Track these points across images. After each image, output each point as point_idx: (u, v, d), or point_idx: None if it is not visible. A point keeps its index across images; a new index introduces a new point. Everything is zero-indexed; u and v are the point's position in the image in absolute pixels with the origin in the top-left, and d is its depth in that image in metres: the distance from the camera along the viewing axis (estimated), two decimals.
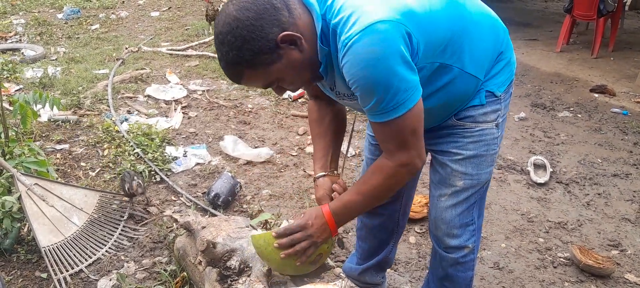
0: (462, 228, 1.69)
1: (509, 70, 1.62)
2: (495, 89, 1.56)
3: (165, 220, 2.72)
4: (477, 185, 1.64)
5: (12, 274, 2.32)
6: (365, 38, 1.22)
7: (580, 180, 3.37)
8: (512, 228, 2.85)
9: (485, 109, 1.56)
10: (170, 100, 4.34)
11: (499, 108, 1.59)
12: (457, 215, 1.67)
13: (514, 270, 2.52)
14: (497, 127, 1.60)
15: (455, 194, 1.65)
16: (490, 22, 1.57)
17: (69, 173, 3.18)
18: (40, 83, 4.45)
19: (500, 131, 1.63)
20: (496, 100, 1.57)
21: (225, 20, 1.24)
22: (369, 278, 2.10)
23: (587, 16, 6.14)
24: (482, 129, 1.58)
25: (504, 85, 1.59)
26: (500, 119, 1.60)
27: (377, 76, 1.25)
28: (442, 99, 1.50)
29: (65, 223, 2.47)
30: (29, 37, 6.15)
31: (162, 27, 6.73)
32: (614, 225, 2.91)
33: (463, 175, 1.62)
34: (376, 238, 2.01)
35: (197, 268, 2.06)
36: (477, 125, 1.58)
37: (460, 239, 1.69)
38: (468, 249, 1.71)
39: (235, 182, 2.98)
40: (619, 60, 5.98)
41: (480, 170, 1.62)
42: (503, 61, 1.59)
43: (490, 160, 1.63)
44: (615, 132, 4.14)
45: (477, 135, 1.58)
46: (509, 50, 1.62)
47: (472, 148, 1.59)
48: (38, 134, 3.60)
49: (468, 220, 1.68)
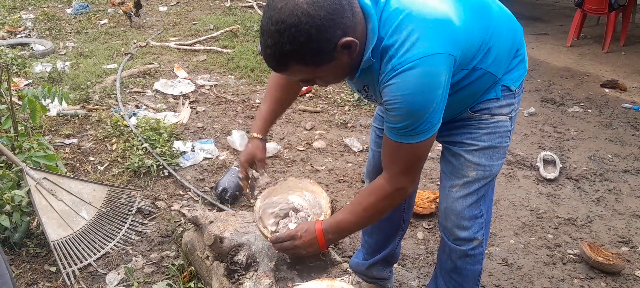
0: (471, 220, 1.69)
1: (523, 66, 1.65)
2: (510, 84, 1.60)
3: (173, 215, 2.73)
4: (488, 177, 1.66)
5: (21, 268, 2.34)
6: (419, 68, 1.27)
7: (590, 176, 3.34)
8: (521, 224, 2.83)
9: (500, 102, 1.60)
10: (178, 95, 4.35)
11: (513, 102, 1.62)
12: (467, 207, 1.67)
13: (523, 266, 2.50)
14: (510, 121, 1.63)
15: (467, 185, 1.66)
16: (510, 22, 1.60)
17: (78, 167, 3.19)
18: (49, 78, 4.47)
19: (512, 124, 1.66)
20: (511, 94, 1.61)
21: (293, 12, 1.16)
22: (377, 272, 2.10)
23: (598, 10, 6.07)
24: (497, 121, 1.61)
25: (518, 80, 1.62)
26: (513, 113, 1.64)
27: (419, 106, 1.31)
28: (460, 95, 1.53)
29: (74, 218, 2.49)
30: (38, 32, 6.18)
31: (170, 22, 6.74)
32: (625, 221, 2.88)
33: (476, 166, 1.63)
34: (382, 233, 2.02)
35: (205, 262, 2.06)
36: (492, 117, 1.61)
37: (470, 231, 1.70)
38: (477, 241, 1.72)
39: None
40: (630, 55, 5.91)
41: (493, 161, 1.64)
42: (518, 58, 1.62)
43: (502, 152, 1.65)
44: (626, 127, 4.10)
45: (493, 126, 1.61)
46: (523, 47, 1.66)
47: (487, 140, 1.62)
48: (47, 128, 3.62)
49: (477, 213, 1.69)
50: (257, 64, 5.03)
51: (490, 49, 1.49)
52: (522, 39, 1.66)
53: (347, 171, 3.29)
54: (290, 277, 1.82)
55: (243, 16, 6.86)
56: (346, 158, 3.48)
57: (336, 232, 1.59)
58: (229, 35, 6.00)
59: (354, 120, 4.01)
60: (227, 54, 5.38)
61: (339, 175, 3.24)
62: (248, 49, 5.47)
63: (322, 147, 3.60)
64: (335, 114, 4.09)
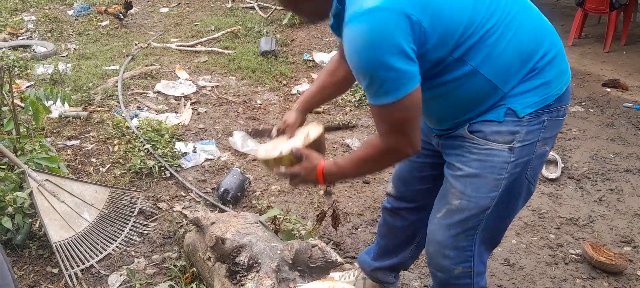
0: (455, 251, 1.58)
1: (545, 92, 1.43)
2: (518, 109, 1.42)
3: (175, 216, 2.74)
4: (475, 210, 1.50)
5: (24, 269, 2.35)
6: (359, 24, 1.23)
7: (592, 176, 3.33)
8: (523, 225, 2.83)
9: (500, 127, 1.43)
10: (179, 96, 4.35)
11: (518, 131, 1.43)
12: (451, 237, 1.56)
13: (525, 267, 2.50)
14: (510, 151, 1.44)
15: (449, 214, 1.54)
16: (536, 22, 1.46)
17: (80, 169, 3.20)
18: (51, 79, 4.47)
19: (516, 156, 1.45)
20: (517, 121, 1.42)
21: None
22: (381, 275, 2.07)
23: (600, 10, 6.06)
24: (490, 149, 1.45)
25: (532, 107, 1.42)
26: (516, 143, 1.43)
27: (365, 63, 1.27)
28: (445, 94, 1.43)
29: (76, 219, 2.49)
30: (40, 33, 6.19)
31: (171, 23, 6.74)
32: (627, 221, 2.88)
33: (460, 194, 1.50)
34: (396, 239, 1.98)
35: (207, 264, 2.07)
36: (486, 143, 1.45)
37: (451, 261, 1.59)
38: (459, 271, 1.60)
39: (244, 177, 2.98)
40: (631, 54, 5.90)
41: (479, 193, 1.48)
42: (538, 79, 1.42)
43: (493, 184, 1.47)
44: (628, 127, 4.09)
45: (485, 154, 1.46)
46: (552, 71, 1.44)
47: (475, 167, 1.47)
48: (49, 130, 3.62)
49: (464, 245, 1.57)
50: (258, 65, 5.03)
51: (487, 39, 1.35)
52: (553, 59, 1.43)
53: None
54: (292, 278, 1.83)
55: (244, 17, 6.86)
56: None
57: (334, 172, 1.55)
58: (230, 36, 6.00)
59: (355, 121, 4.01)
60: (229, 55, 5.38)
61: None
62: (249, 49, 5.47)
63: None
64: (336, 115, 4.09)
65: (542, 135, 1.46)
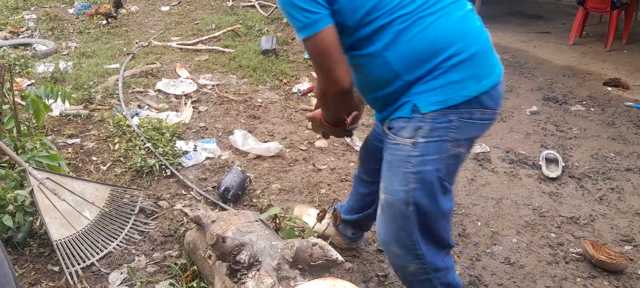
0: (401, 248, 1.65)
1: (451, 92, 1.47)
2: (421, 105, 1.50)
3: (176, 214, 2.74)
4: (396, 204, 1.58)
5: (24, 267, 2.35)
6: None
7: (593, 175, 3.33)
8: (523, 223, 2.83)
9: (406, 124, 1.53)
10: (180, 94, 4.35)
11: (421, 127, 1.50)
12: (391, 234, 1.65)
13: (526, 266, 2.50)
14: (413, 145, 1.51)
15: (382, 210, 1.66)
16: (452, 27, 1.48)
17: (81, 167, 3.20)
18: (51, 78, 4.47)
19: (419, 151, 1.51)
20: (421, 117, 1.50)
21: None
22: (342, 227, 2.39)
23: (601, 8, 6.05)
24: (397, 143, 1.56)
25: (434, 105, 1.48)
26: (420, 138, 1.50)
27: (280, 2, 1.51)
28: (360, 68, 1.60)
29: (77, 217, 2.49)
30: (41, 32, 6.19)
31: (172, 22, 6.74)
32: (627, 220, 2.88)
33: (384, 188, 1.63)
34: (359, 202, 2.26)
35: (207, 262, 2.07)
36: (394, 138, 1.57)
37: (401, 258, 1.67)
38: (413, 268, 1.66)
39: (245, 176, 2.98)
40: (632, 53, 5.90)
41: (394, 186, 1.58)
42: (443, 78, 1.47)
43: (402, 178, 1.55)
44: (629, 125, 4.09)
45: (393, 148, 1.58)
46: (461, 72, 1.47)
47: (389, 160, 1.60)
48: (50, 128, 3.62)
49: (407, 243, 1.63)
50: (258, 64, 5.03)
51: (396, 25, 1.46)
52: (470, 57, 1.47)
53: (349, 170, 3.29)
54: (293, 277, 1.83)
55: (245, 16, 6.86)
56: (348, 157, 3.48)
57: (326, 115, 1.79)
58: (231, 35, 6.00)
59: None
60: (229, 53, 5.38)
61: (341, 174, 3.24)
62: (250, 48, 5.47)
63: (324, 146, 3.60)
64: None
65: (452, 135, 1.50)
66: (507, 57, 5.92)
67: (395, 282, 2.34)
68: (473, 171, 3.36)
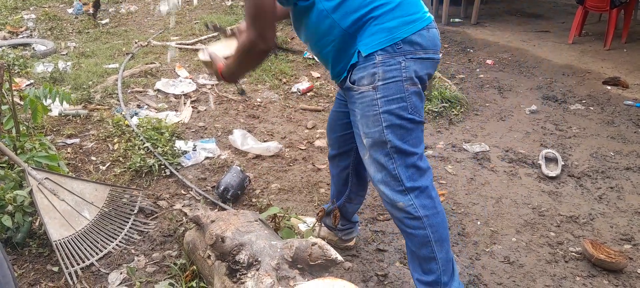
0: (385, 186, 1.84)
1: (387, 36, 1.71)
2: (362, 49, 1.72)
3: (175, 214, 2.74)
4: (375, 145, 1.79)
5: (24, 268, 2.35)
6: None
7: (593, 174, 3.33)
8: (523, 222, 2.83)
9: (362, 73, 1.74)
10: (179, 94, 4.35)
11: (376, 72, 1.71)
12: (374, 172, 1.85)
13: (525, 265, 2.50)
14: (374, 90, 1.73)
15: (366, 155, 1.85)
16: None
17: (80, 167, 3.20)
18: (50, 78, 4.47)
19: (381, 93, 1.73)
20: (369, 64, 1.71)
21: None
22: (326, 219, 2.45)
23: (600, 7, 6.06)
24: (361, 92, 1.76)
25: (373, 47, 1.71)
26: (379, 83, 1.72)
27: None
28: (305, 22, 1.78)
29: (76, 217, 2.49)
30: (40, 32, 6.19)
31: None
32: (627, 219, 2.88)
33: (363, 135, 1.82)
34: (337, 184, 2.34)
35: (207, 262, 2.07)
36: (358, 88, 1.77)
37: (385, 196, 1.86)
38: (401, 205, 1.83)
39: (245, 176, 2.98)
40: (632, 52, 5.90)
41: (370, 129, 1.78)
42: (377, 25, 1.70)
43: (374, 119, 1.76)
44: (628, 124, 4.09)
45: (359, 96, 1.77)
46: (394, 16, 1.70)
47: (359, 108, 1.79)
48: (49, 128, 3.62)
49: (390, 180, 1.82)
50: None
51: None
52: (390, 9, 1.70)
53: None
54: (292, 276, 1.82)
55: (244, 15, 6.86)
56: None
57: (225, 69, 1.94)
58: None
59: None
60: None
61: None
62: None
63: (324, 145, 3.60)
64: None
65: (405, 74, 1.73)
66: (507, 56, 5.92)
67: (395, 282, 2.34)
68: (472, 170, 3.36)
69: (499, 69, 5.50)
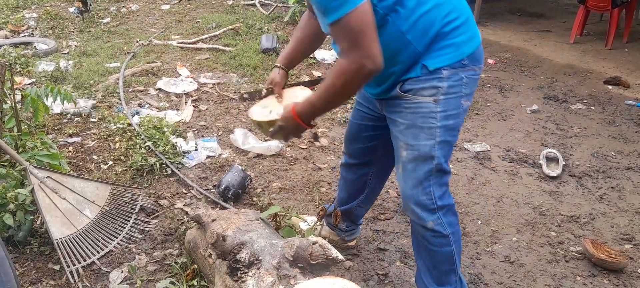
0: (418, 206, 1.79)
1: (455, 52, 1.68)
2: (428, 63, 1.67)
3: (176, 213, 2.74)
4: (419, 158, 1.73)
5: (25, 266, 2.35)
6: None
7: (593, 174, 3.33)
8: (523, 222, 2.83)
9: (424, 84, 1.68)
10: (180, 93, 4.36)
11: (440, 86, 1.68)
12: (410, 188, 1.78)
13: (526, 264, 2.50)
14: (435, 102, 1.69)
15: (404, 166, 1.79)
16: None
17: (81, 166, 3.20)
18: (52, 77, 4.48)
19: (441, 107, 1.69)
20: (434, 77, 1.67)
21: None
22: (332, 222, 2.41)
23: (602, 7, 6.05)
24: (419, 102, 1.70)
25: (441, 62, 1.67)
26: (441, 96, 1.69)
27: None
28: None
29: (78, 216, 2.49)
30: (41, 31, 6.20)
31: (172, 21, 6.74)
32: (628, 218, 2.88)
33: (405, 146, 1.76)
34: (349, 190, 2.29)
35: (208, 260, 2.07)
36: (415, 98, 1.71)
37: (416, 212, 1.80)
38: (432, 223, 1.80)
39: (246, 175, 2.99)
40: (633, 52, 5.89)
41: (418, 141, 1.72)
42: (446, 40, 1.66)
43: (428, 133, 1.71)
44: (630, 124, 4.09)
45: (415, 106, 1.71)
46: (459, 35, 1.67)
47: (410, 118, 1.73)
48: (50, 127, 3.63)
49: (424, 199, 1.78)
50: (259, 62, 5.03)
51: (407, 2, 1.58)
52: (463, 24, 1.68)
53: None
54: (293, 275, 1.83)
55: (245, 14, 6.86)
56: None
57: (308, 110, 1.70)
58: (231, 34, 6.00)
59: None
60: (230, 52, 5.38)
61: None
62: (250, 47, 5.47)
63: (325, 145, 3.60)
64: (337, 112, 4.09)
65: (464, 90, 1.72)
66: (508, 55, 5.92)
67: (395, 281, 2.34)
68: (473, 170, 3.36)
69: (500, 68, 5.50)
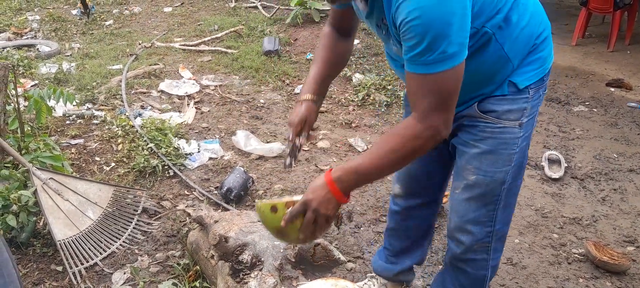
0: (475, 226, 1.63)
1: (541, 66, 1.55)
2: (518, 81, 1.49)
3: (179, 215, 2.75)
4: (491, 184, 1.57)
5: (28, 267, 2.36)
6: None
7: (596, 176, 3.33)
8: (526, 224, 2.82)
9: (511, 106, 1.50)
10: (183, 95, 4.36)
11: (526, 107, 1.51)
12: (472, 210, 1.62)
13: (528, 266, 2.50)
14: (520, 127, 1.53)
15: (468, 188, 1.60)
16: (538, 7, 1.54)
17: (84, 167, 3.21)
18: (55, 78, 4.49)
19: (524, 131, 1.54)
20: (522, 98, 1.51)
21: None
22: (403, 277, 2.09)
23: (604, 9, 6.04)
24: (504, 127, 1.52)
25: (530, 79, 1.51)
26: (524, 119, 1.52)
27: (436, 19, 1.18)
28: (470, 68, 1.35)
29: (80, 217, 2.50)
30: (44, 33, 6.21)
31: (175, 23, 6.75)
32: (630, 221, 2.87)
33: (476, 170, 1.56)
34: (412, 237, 1.99)
35: (210, 262, 2.07)
36: (499, 122, 1.52)
37: (471, 236, 1.65)
38: (479, 246, 1.66)
39: (248, 176, 2.99)
40: (635, 54, 5.88)
41: (496, 168, 1.55)
42: (536, 54, 1.53)
43: (506, 159, 1.55)
44: (632, 126, 4.08)
45: (498, 131, 1.52)
46: (546, 46, 1.57)
47: (490, 144, 1.53)
48: (53, 128, 3.64)
49: (485, 221, 1.63)
50: (261, 64, 5.04)
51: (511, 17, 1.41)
52: (548, 36, 1.57)
53: None
54: (295, 276, 1.83)
55: (247, 16, 6.87)
56: (351, 158, 3.48)
57: (351, 179, 1.34)
58: (234, 36, 6.01)
59: (358, 120, 4.01)
60: (232, 54, 5.39)
61: None
62: (252, 49, 5.48)
63: (327, 147, 3.61)
64: (339, 114, 4.10)
65: (537, 109, 1.58)
66: None
67: None
68: None
69: None
